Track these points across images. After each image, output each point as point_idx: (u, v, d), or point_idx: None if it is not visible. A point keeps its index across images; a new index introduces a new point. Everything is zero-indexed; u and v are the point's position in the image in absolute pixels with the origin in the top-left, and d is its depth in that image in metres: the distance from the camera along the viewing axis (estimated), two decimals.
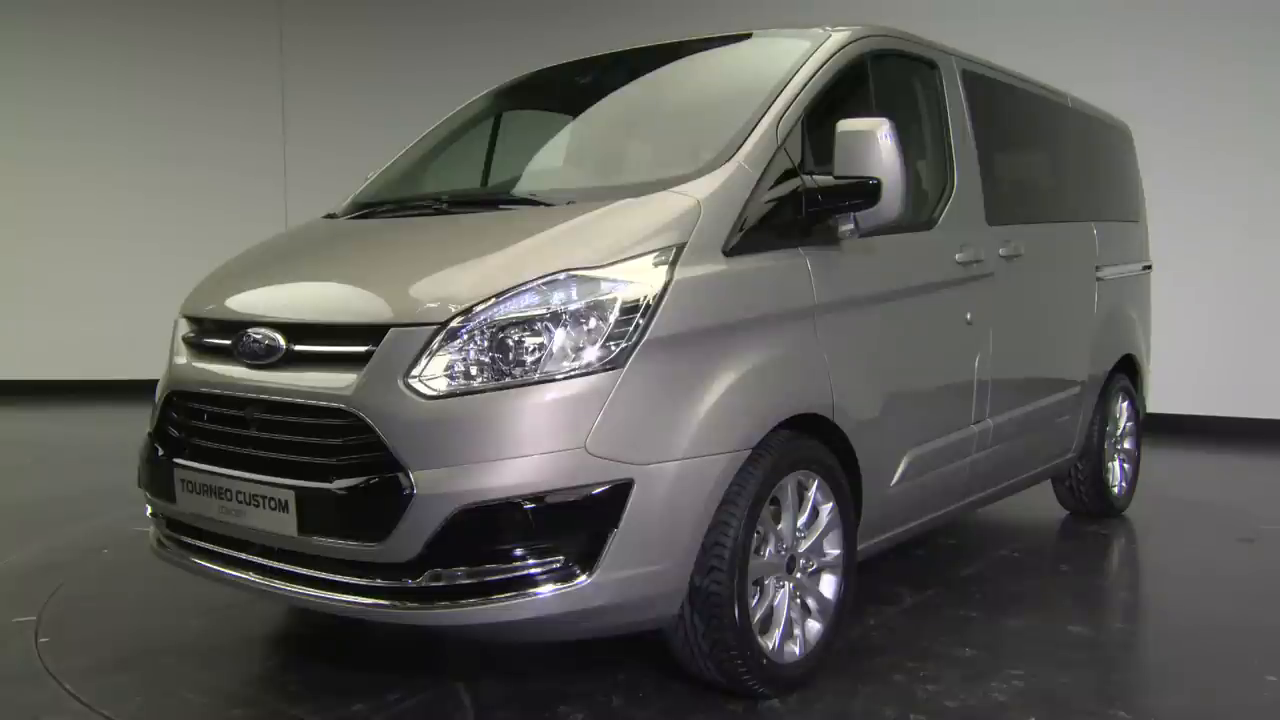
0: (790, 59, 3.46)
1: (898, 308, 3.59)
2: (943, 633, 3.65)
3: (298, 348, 2.87)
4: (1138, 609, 4.27)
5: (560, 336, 2.66)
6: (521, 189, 3.43)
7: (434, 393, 2.63)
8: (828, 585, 3.24)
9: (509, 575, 2.61)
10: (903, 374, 3.62)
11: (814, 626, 3.19)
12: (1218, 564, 4.65)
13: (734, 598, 2.86)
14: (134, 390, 9.51)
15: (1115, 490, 5.45)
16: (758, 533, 2.96)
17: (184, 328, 3.31)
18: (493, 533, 2.60)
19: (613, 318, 2.70)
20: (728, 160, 3.08)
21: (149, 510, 3.39)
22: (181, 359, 3.24)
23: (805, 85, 3.33)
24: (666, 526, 2.73)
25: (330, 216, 3.88)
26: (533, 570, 2.61)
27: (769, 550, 3.03)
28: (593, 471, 2.63)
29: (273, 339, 2.90)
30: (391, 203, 3.74)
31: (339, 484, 2.67)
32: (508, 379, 2.64)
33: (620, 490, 2.65)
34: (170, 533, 3.27)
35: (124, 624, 3.84)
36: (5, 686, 3.26)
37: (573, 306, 2.68)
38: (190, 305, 3.36)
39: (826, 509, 3.21)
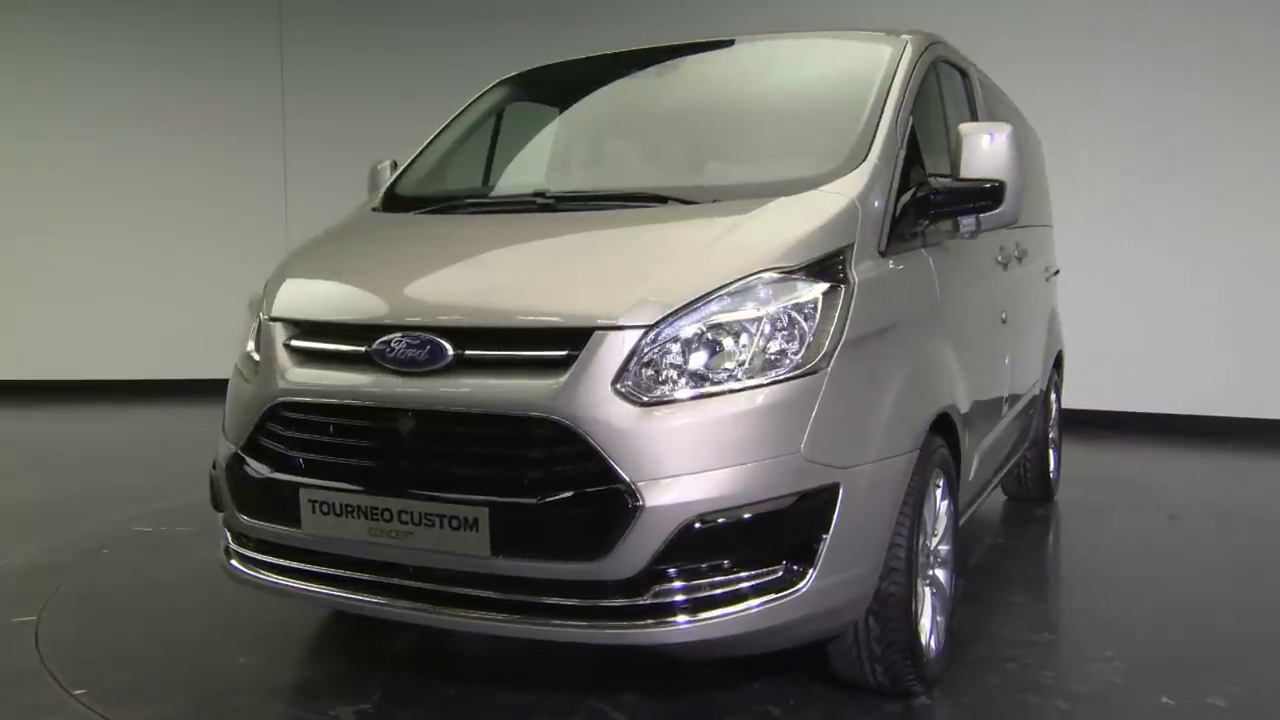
0: (880, 60, 3.48)
1: (974, 306, 3.70)
2: (1004, 620, 3.78)
3: (470, 353, 2.63)
4: (1153, 590, 4.24)
5: (767, 338, 2.58)
6: (641, 185, 3.26)
7: (647, 399, 2.49)
8: (943, 580, 3.30)
9: (731, 588, 2.51)
10: (978, 371, 3.72)
11: (941, 622, 3.24)
12: (1169, 540, 5.05)
13: (909, 599, 2.87)
14: (134, 390, 9.51)
15: (1052, 476, 5.82)
16: None
17: (282, 333, 2.95)
18: (719, 544, 2.49)
19: (816, 318, 2.64)
20: (863, 160, 3.06)
21: (228, 535, 3.04)
22: (288, 367, 2.88)
23: (906, 86, 3.36)
24: (864, 530, 2.70)
25: (376, 210, 3.60)
26: (754, 581, 2.52)
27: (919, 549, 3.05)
28: (808, 476, 2.56)
29: (436, 344, 2.64)
30: (476, 197, 3.50)
31: (549, 499, 2.47)
32: (720, 383, 2.53)
33: (830, 494, 2.60)
34: (264, 556, 2.94)
35: (124, 624, 3.76)
36: (5, 686, 3.20)
37: (777, 307, 2.60)
38: (289, 308, 2.99)
39: (944, 507, 3.27)
